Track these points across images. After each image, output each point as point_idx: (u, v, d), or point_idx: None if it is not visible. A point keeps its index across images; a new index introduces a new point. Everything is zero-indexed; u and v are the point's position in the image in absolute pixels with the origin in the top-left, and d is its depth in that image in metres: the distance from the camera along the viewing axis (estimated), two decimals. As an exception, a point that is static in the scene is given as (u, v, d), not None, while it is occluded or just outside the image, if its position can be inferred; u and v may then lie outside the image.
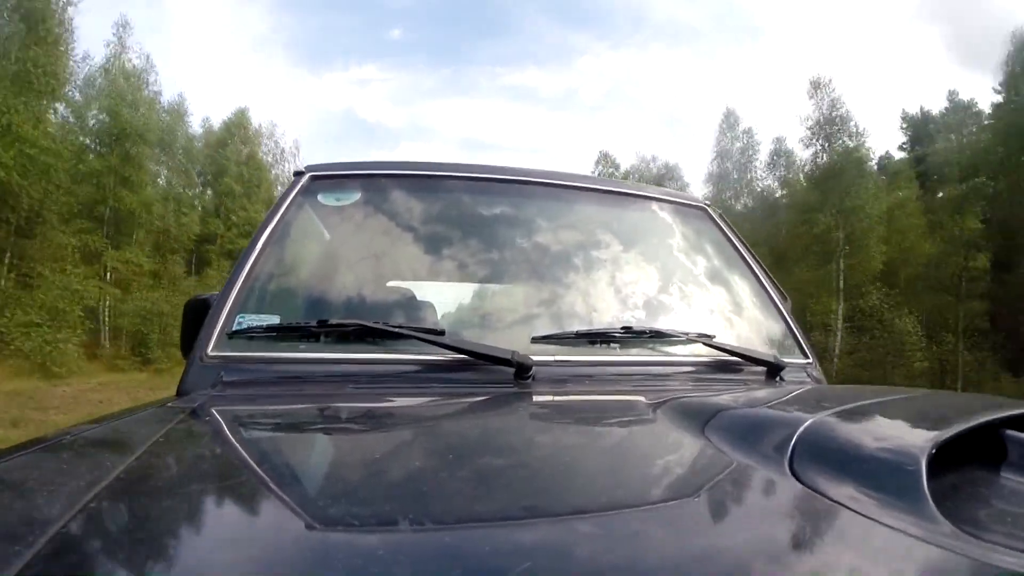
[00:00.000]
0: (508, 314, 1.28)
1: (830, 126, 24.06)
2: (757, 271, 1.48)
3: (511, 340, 1.11)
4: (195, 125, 27.88)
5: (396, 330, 1.06)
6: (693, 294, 1.42)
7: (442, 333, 1.07)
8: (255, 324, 1.10)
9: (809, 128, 24.45)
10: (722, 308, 1.42)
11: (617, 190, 1.56)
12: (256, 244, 1.22)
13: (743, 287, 1.46)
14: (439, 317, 1.34)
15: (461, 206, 1.43)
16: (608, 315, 1.27)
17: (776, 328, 1.40)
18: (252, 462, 0.68)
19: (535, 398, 1.02)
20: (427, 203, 1.41)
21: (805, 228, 23.19)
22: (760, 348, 1.30)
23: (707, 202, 1.63)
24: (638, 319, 1.28)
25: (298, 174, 1.41)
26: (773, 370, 1.23)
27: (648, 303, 1.35)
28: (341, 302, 1.25)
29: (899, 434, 0.61)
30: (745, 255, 1.51)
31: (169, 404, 0.93)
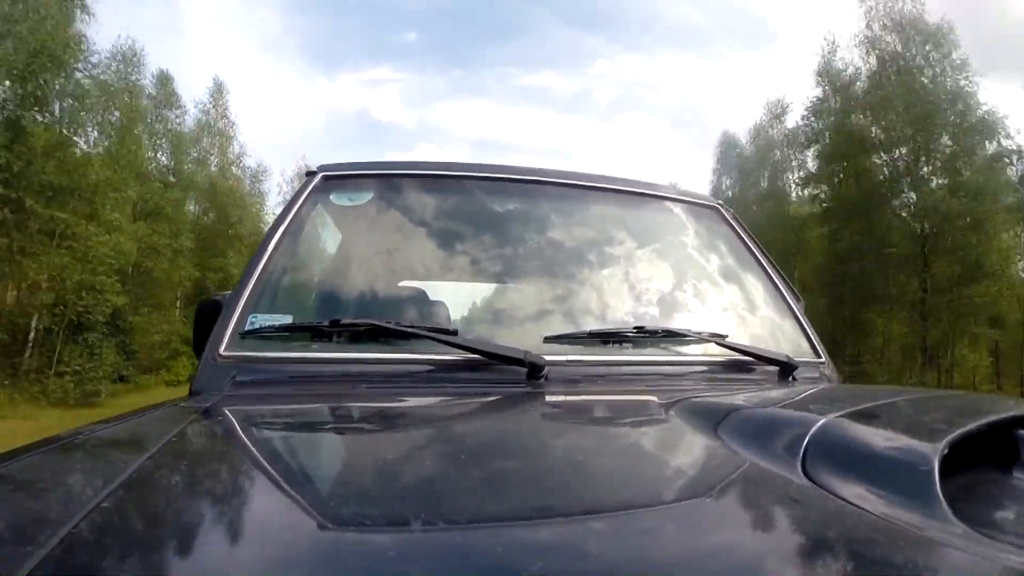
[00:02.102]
0: (520, 313, 1.28)
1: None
2: (769, 271, 1.47)
3: (523, 340, 1.11)
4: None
5: (408, 330, 1.06)
6: (706, 293, 1.42)
7: (454, 333, 1.07)
8: (267, 324, 1.10)
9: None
10: (735, 308, 1.41)
11: (629, 189, 1.55)
12: (268, 244, 1.22)
13: (756, 286, 1.45)
14: (451, 317, 1.35)
15: (473, 205, 1.44)
16: (621, 315, 1.27)
17: (789, 328, 1.39)
18: (265, 462, 0.68)
19: (548, 398, 1.02)
20: (439, 202, 1.41)
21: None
22: (773, 348, 1.29)
23: (720, 202, 1.63)
24: (651, 319, 1.28)
25: (310, 174, 1.41)
26: (786, 370, 1.22)
27: (661, 303, 1.34)
28: (353, 302, 1.25)
29: (911, 434, 0.60)
30: (757, 255, 1.50)
31: (182, 404, 0.94)
